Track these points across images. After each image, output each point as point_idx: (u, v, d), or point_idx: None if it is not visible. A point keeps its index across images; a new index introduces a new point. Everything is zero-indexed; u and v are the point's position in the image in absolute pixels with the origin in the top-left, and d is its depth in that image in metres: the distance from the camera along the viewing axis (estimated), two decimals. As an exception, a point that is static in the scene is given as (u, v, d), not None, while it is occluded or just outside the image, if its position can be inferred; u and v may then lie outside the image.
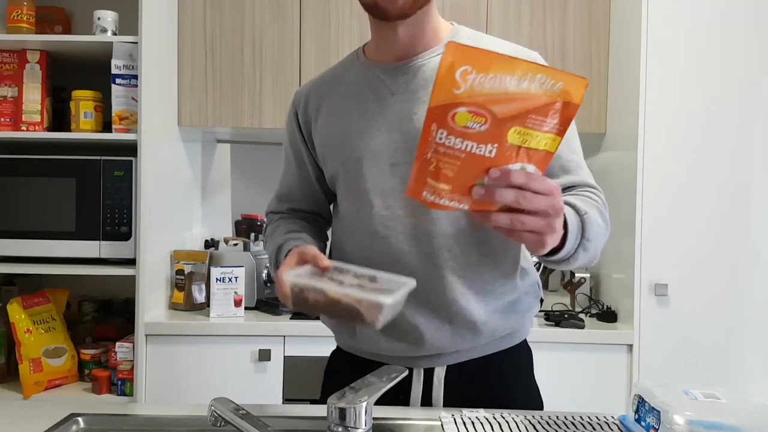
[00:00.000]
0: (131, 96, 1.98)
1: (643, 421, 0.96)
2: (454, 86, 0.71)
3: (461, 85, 0.71)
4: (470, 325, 1.08)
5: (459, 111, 0.71)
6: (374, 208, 1.08)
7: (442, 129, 0.73)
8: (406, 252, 1.07)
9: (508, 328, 1.12)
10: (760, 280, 1.96)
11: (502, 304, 1.11)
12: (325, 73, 1.21)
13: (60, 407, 1.06)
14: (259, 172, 2.65)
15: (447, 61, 0.70)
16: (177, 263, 2.16)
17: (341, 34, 2.22)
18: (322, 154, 1.15)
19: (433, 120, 0.73)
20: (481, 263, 1.09)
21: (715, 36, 1.96)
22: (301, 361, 1.97)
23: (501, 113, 0.72)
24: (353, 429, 0.80)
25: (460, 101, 0.71)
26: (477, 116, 0.72)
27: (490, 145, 0.74)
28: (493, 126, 0.72)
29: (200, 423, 1.02)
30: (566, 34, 2.23)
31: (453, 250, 1.07)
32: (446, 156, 0.75)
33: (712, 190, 1.96)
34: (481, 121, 0.72)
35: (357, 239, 1.11)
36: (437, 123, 0.73)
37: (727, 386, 1.04)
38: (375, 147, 1.08)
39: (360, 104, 1.10)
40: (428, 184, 0.77)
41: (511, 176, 0.75)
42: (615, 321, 2.08)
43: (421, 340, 1.08)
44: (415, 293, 1.02)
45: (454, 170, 0.75)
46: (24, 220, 2.00)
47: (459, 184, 0.76)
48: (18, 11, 2.01)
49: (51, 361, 2.00)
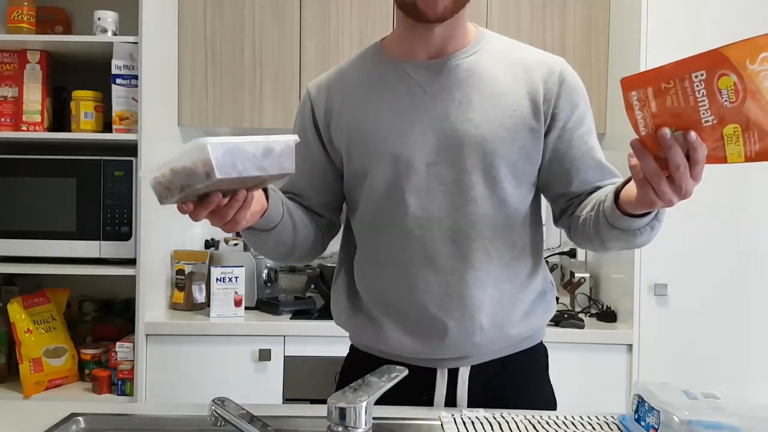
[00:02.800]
0: (131, 96, 1.99)
1: (643, 420, 0.96)
2: (752, 59, 0.70)
3: (756, 64, 0.70)
4: (498, 327, 1.09)
5: (730, 76, 0.71)
6: (409, 208, 1.07)
7: (702, 71, 0.73)
8: (441, 253, 1.06)
9: (531, 330, 1.14)
10: (759, 279, 1.96)
11: (527, 305, 1.12)
12: (342, 67, 1.17)
13: (60, 407, 1.07)
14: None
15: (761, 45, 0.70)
16: (177, 263, 2.16)
17: (341, 34, 2.22)
18: (347, 149, 1.11)
19: (713, 63, 0.73)
20: (512, 264, 1.10)
21: (715, 36, 1.95)
22: (301, 361, 1.97)
23: (747, 110, 0.72)
24: (353, 429, 0.81)
25: (738, 71, 0.71)
26: (734, 93, 0.72)
27: (713, 117, 0.75)
28: (732, 111, 0.73)
29: (200, 423, 1.02)
30: (566, 34, 2.23)
31: (489, 252, 1.08)
32: (682, 90, 0.75)
33: (711, 189, 1.96)
34: (732, 98, 0.72)
35: (388, 238, 1.09)
36: (706, 69, 0.73)
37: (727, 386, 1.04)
38: (410, 145, 1.06)
39: (391, 101, 1.08)
40: (647, 93, 0.78)
41: (698, 152, 0.78)
42: (615, 321, 2.08)
43: (449, 341, 1.08)
44: (447, 294, 1.06)
45: (672, 104, 0.76)
46: (24, 220, 2.00)
47: (662, 116, 0.78)
48: (18, 11, 2.01)
49: (51, 360, 2.00)
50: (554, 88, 1.07)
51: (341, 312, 1.18)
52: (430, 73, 1.08)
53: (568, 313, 2.07)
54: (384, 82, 1.09)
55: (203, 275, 2.17)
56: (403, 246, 1.08)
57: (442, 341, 1.08)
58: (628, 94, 0.79)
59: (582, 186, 1.10)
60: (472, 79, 1.07)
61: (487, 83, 1.07)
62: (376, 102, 1.09)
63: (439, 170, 1.06)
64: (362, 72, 1.13)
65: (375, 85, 1.10)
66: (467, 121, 1.05)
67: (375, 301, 1.13)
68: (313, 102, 1.15)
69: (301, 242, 1.14)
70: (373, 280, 1.13)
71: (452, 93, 1.06)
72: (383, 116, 1.08)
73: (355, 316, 1.16)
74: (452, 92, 1.06)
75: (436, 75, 1.07)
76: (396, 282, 1.09)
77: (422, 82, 1.07)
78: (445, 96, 1.06)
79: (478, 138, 1.05)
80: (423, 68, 1.08)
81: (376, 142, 1.08)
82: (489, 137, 1.05)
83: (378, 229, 1.11)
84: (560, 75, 1.08)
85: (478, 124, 1.05)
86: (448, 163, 1.06)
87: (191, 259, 2.16)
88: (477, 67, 1.07)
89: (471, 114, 1.05)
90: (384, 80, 1.10)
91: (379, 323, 1.12)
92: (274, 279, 2.29)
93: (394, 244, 1.09)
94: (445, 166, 1.06)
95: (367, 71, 1.12)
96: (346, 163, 1.13)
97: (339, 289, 1.19)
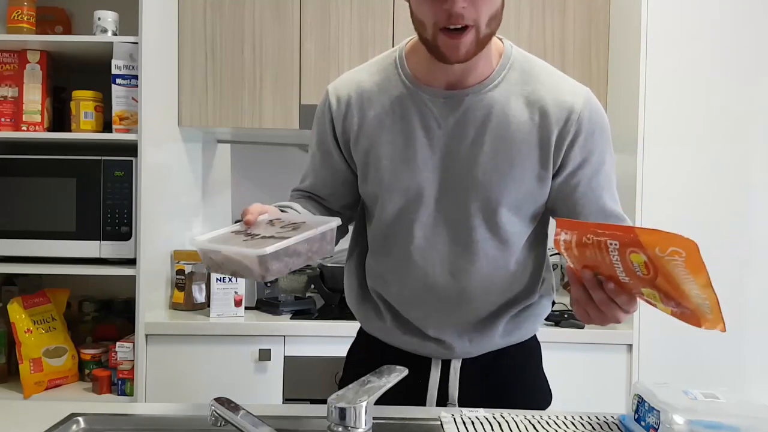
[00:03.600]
0: (131, 96, 1.99)
1: (643, 420, 0.96)
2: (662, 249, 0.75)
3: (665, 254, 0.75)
4: (492, 336, 1.17)
5: (640, 254, 0.77)
6: (415, 239, 1.12)
7: (616, 242, 0.79)
8: (441, 284, 1.13)
9: (521, 337, 1.21)
10: (759, 279, 1.96)
11: (522, 314, 1.19)
12: (362, 77, 1.16)
13: (60, 407, 1.07)
14: (260, 173, 2.65)
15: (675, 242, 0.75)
16: (177, 263, 2.16)
17: (341, 34, 2.22)
18: (363, 173, 1.15)
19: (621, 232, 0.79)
20: (509, 289, 1.16)
21: (715, 36, 1.96)
22: (302, 361, 1.97)
23: (659, 285, 0.79)
24: (353, 429, 0.81)
25: (648, 254, 0.76)
26: (646, 268, 0.78)
27: (629, 279, 0.82)
28: (645, 281, 0.80)
29: (200, 423, 1.02)
30: (566, 34, 2.23)
31: (486, 287, 1.13)
32: (599, 249, 0.81)
33: (711, 190, 1.96)
34: (644, 272, 0.79)
35: (394, 262, 1.15)
36: (619, 242, 0.78)
37: (727, 386, 1.04)
38: (421, 180, 1.09)
39: (406, 132, 1.09)
40: (572, 240, 0.85)
41: (618, 298, 0.86)
42: (615, 321, 2.08)
43: (442, 349, 1.17)
44: (443, 319, 1.15)
45: (592, 256, 0.83)
46: (24, 220, 2.00)
47: (584, 261, 0.86)
48: (18, 11, 2.01)
49: (51, 360, 2.00)
50: (567, 137, 1.07)
51: (351, 296, 1.25)
52: (447, 106, 1.08)
53: (568, 313, 2.07)
54: (401, 110, 1.10)
55: (203, 275, 2.17)
56: (407, 271, 1.14)
57: (437, 349, 1.17)
58: (557, 235, 0.86)
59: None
60: (488, 119, 1.07)
61: (502, 125, 1.07)
62: (391, 131, 1.10)
63: (445, 207, 1.10)
64: (381, 92, 1.12)
65: (392, 110, 1.10)
66: (476, 166, 1.07)
67: (381, 302, 1.21)
68: (334, 116, 1.15)
69: None
70: (381, 287, 1.20)
71: (465, 130, 1.07)
72: (398, 149, 1.10)
73: (363, 304, 1.23)
74: (465, 130, 1.07)
75: (452, 110, 1.08)
76: (399, 298, 1.17)
77: (438, 116, 1.08)
78: (458, 133, 1.07)
79: (484, 184, 1.07)
80: (441, 100, 1.08)
81: (390, 172, 1.10)
82: (495, 185, 1.07)
83: (387, 248, 1.16)
84: (578, 121, 1.07)
85: (486, 170, 1.07)
86: (454, 202, 1.10)
87: (191, 259, 2.16)
88: (494, 106, 1.07)
89: (481, 158, 1.07)
90: (401, 107, 1.10)
91: (383, 319, 1.20)
92: (274, 279, 2.29)
93: (399, 268, 1.15)
94: (451, 204, 1.10)
95: (386, 90, 1.12)
96: (361, 182, 1.17)
97: (351, 270, 1.25)
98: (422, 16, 1.00)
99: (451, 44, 0.98)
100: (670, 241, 0.74)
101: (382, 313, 1.19)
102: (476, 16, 0.98)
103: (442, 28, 0.98)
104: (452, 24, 0.97)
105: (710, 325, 0.80)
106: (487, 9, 0.99)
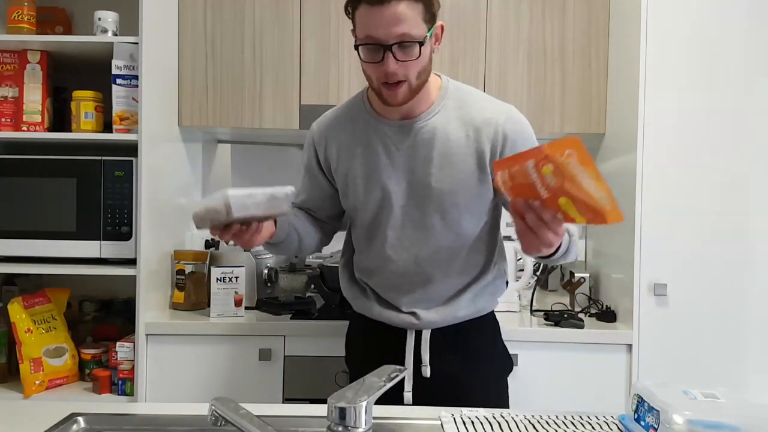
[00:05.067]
0: (132, 96, 1.99)
1: (643, 420, 0.96)
2: (561, 153, 0.95)
3: (563, 157, 0.95)
4: (454, 309, 1.45)
5: (548, 165, 0.95)
6: (387, 239, 1.42)
7: (531, 160, 0.97)
8: (410, 272, 1.43)
9: (478, 311, 1.48)
10: (759, 279, 1.96)
11: (478, 291, 1.47)
12: (336, 114, 1.48)
13: (60, 407, 1.07)
14: (260, 173, 2.65)
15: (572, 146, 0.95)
16: (177, 263, 2.16)
17: (341, 34, 2.22)
18: (343, 191, 1.46)
19: (533, 155, 0.98)
20: (466, 271, 1.46)
21: (715, 36, 1.96)
22: (302, 360, 1.97)
23: (567, 189, 0.96)
24: (353, 429, 0.81)
25: (554, 161, 0.95)
26: (554, 176, 0.96)
27: (546, 191, 0.99)
28: (557, 189, 0.96)
29: (200, 423, 1.02)
30: (566, 34, 2.23)
31: (446, 270, 1.43)
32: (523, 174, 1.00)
33: (711, 189, 1.96)
34: (554, 180, 0.96)
35: (373, 258, 1.46)
36: (534, 157, 0.97)
37: (727, 386, 1.04)
38: (389, 192, 1.39)
39: (372, 155, 1.40)
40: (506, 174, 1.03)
41: (544, 215, 1.02)
42: (614, 321, 2.08)
43: (417, 319, 1.44)
44: (413, 300, 1.45)
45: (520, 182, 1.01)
46: (25, 220, 2.00)
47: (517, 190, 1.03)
48: (18, 11, 2.01)
49: (52, 360, 2.00)
50: (498, 146, 1.36)
51: (344, 283, 1.57)
52: (401, 134, 1.39)
53: (567, 313, 2.07)
54: (367, 140, 1.41)
55: (203, 275, 2.17)
56: (383, 264, 1.44)
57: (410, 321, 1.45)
58: (496, 175, 1.06)
59: None
60: (433, 140, 1.37)
61: (444, 143, 1.36)
62: (361, 156, 1.41)
63: (409, 211, 1.40)
64: (351, 125, 1.44)
65: (361, 141, 1.42)
66: (428, 176, 1.37)
67: (366, 287, 1.52)
68: (317, 145, 1.49)
69: (305, 247, 1.52)
70: (366, 276, 1.51)
71: (418, 151, 1.37)
72: (369, 169, 1.40)
73: (353, 288, 1.55)
74: (418, 150, 1.37)
75: (405, 136, 1.38)
76: (379, 284, 1.49)
77: (396, 141, 1.39)
78: (412, 153, 1.38)
79: (437, 190, 1.37)
80: (396, 128, 1.39)
81: (365, 188, 1.41)
82: (445, 189, 1.37)
83: (367, 247, 1.48)
84: (503, 133, 1.36)
85: (437, 179, 1.37)
86: (415, 206, 1.39)
87: (191, 259, 2.17)
88: (436, 129, 1.37)
89: (432, 170, 1.37)
90: (367, 137, 1.41)
91: (369, 299, 1.51)
92: (274, 279, 2.29)
93: (377, 262, 1.46)
94: (413, 209, 1.40)
95: (353, 123, 1.44)
96: (342, 198, 1.49)
97: (344, 265, 1.57)
98: (369, 73, 1.31)
99: (390, 94, 1.29)
100: (564, 144, 0.94)
101: (367, 294, 1.51)
102: (407, 73, 1.27)
103: (384, 83, 1.28)
104: (389, 80, 1.27)
105: (612, 216, 0.94)
106: (415, 67, 1.27)
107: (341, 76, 2.22)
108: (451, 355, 1.46)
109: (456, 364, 1.45)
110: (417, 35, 1.24)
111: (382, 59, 1.25)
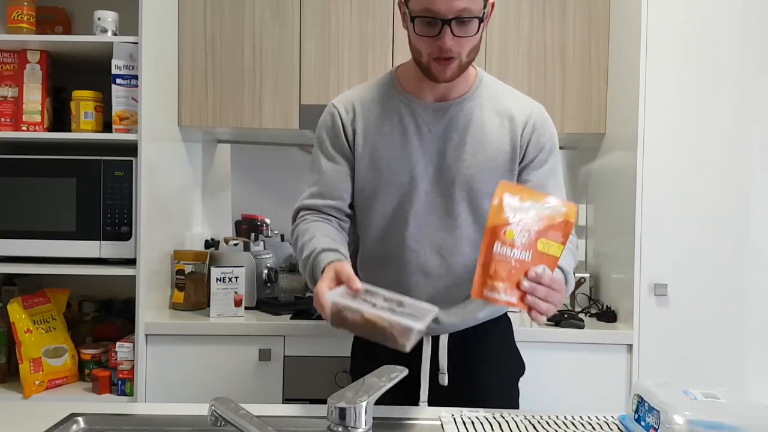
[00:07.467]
0: (131, 96, 1.98)
1: (643, 420, 0.96)
2: (503, 212, 0.99)
3: (507, 210, 0.99)
4: (474, 309, 1.39)
5: (508, 229, 0.98)
6: (408, 226, 1.34)
7: (497, 242, 0.99)
8: (430, 264, 1.35)
9: (495, 312, 1.44)
10: (759, 279, 1.96)
11: None
12: (362, 93, 1.40)
13: (60, 407, 1.07)
14: (260, 173, 2.65)
15: (499, 194, 1.01)
16: (177, 263, 2.16)
17: (341, 34, 2.22)
18: (364, 175, 1.36)
19: (492, 237, 1.00)
20: None
21: (715, 36, 1.96)
22: (302, 360, 1.97)
23: (536, 230, 1.00)
24: (353, 429, 0.81)
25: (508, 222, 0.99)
26: (521, 232, 0.98)
27: (527, 251, 1.00)
28: (533, 235, 1.00)
29: (200, 423, 1.02)
30: (566, 34, 2.23)
31: (467, 264, 1.34)
32: (501, 262, 1.01)
33: (711, 189, 1.96)
34: (524, 235, 0.99)
35: (391, 248, 1.37)
36: (494, 238, 0.99)
37: (727, 386, 1.04)
38: (415, 176, 1.33)
39: (402, 135, 1.34)
40: (487, 284, 1.02)
41: (543, 278, 1.03)
42: (614, 321, 2.08)
43: (437, 323, 1.35)
44: (433, 295, 1.32)
45: (506, 271, 1.01)
46: (24, 220, 2.00)
47: (510, 281, 1.02)
48: (18, 11, 2.01)
49: (51, 360, 2.00)
50: (527, 137, 1.35)
51: None
52: (435, 115, 1.34)
53: (568, 313, 2.07)
54: (397, 118, 1.34)
55: (203, 275, 2.17)
56: (401, 255, 1.35)
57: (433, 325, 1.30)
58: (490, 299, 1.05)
59: None
60: (467, 125, 1.34)
61: (479, 129, 1.33)
62: (390, 135, 1.34)
63: (433, 198, 1.34)
64: (379, 103, 1.37)
65: (389, 118, 1.35)
66: (460, 162, 1.32)
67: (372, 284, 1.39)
68: (344, 120, 1.37)
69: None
70: (374, 271, 1.39)
71: (450, 134, 1.33)
72: (396, 150, 1.33)
73: None
74: (451, 134, 1.33)
75: (439, 118, 1.34)
76: (392, 282, 1.32)
77: (428, 122, 1.34)
78: (444, 137, 1.33)
79: (467, 177, 1.32)
80: (430, 110, 1.34)
81: (387, 170, 1.34)
82: (476, 177, 1.32)
83: (383, 239, 1.37)
84: (533, 125, 1.35)
85: (468, 165, 1.32)
86: (441, 193, 1.34)
87: (191, 259, 2.16)
88: (472, 115, 1.34)
89: (464, 155, 1.32)
90: (397, 115, 1.35)
91: None
92: (274, 279, 2.29)
93: (394, 254, 1.36)
94: (438, 195, 1.34)
95: (383, 103, 1.36)
96: (361, 183, 1.36)
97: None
98: (419, 47, 1.26)
99: (440, 68, 1.25)
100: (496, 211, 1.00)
101: None
102: (460, 50, 1.24)
103: (435, 57, 1.24)
104: (442, 56, 1.23)
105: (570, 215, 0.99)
106: (468, 44, 1.25)
107: (341, 76, 2.22)
108: (470, 360, 1.40)
109: (474, 369, 1.40)
110: (476, 11, 1.21)
111: (438, 33, 1.21)
